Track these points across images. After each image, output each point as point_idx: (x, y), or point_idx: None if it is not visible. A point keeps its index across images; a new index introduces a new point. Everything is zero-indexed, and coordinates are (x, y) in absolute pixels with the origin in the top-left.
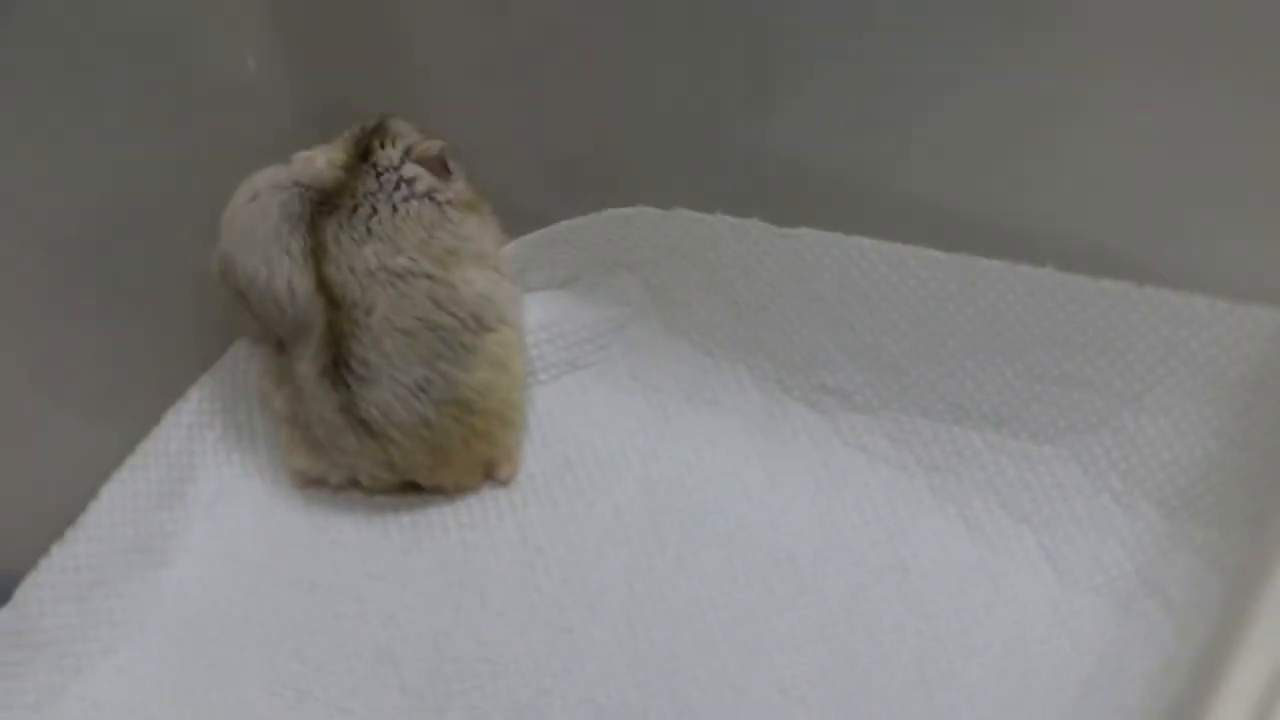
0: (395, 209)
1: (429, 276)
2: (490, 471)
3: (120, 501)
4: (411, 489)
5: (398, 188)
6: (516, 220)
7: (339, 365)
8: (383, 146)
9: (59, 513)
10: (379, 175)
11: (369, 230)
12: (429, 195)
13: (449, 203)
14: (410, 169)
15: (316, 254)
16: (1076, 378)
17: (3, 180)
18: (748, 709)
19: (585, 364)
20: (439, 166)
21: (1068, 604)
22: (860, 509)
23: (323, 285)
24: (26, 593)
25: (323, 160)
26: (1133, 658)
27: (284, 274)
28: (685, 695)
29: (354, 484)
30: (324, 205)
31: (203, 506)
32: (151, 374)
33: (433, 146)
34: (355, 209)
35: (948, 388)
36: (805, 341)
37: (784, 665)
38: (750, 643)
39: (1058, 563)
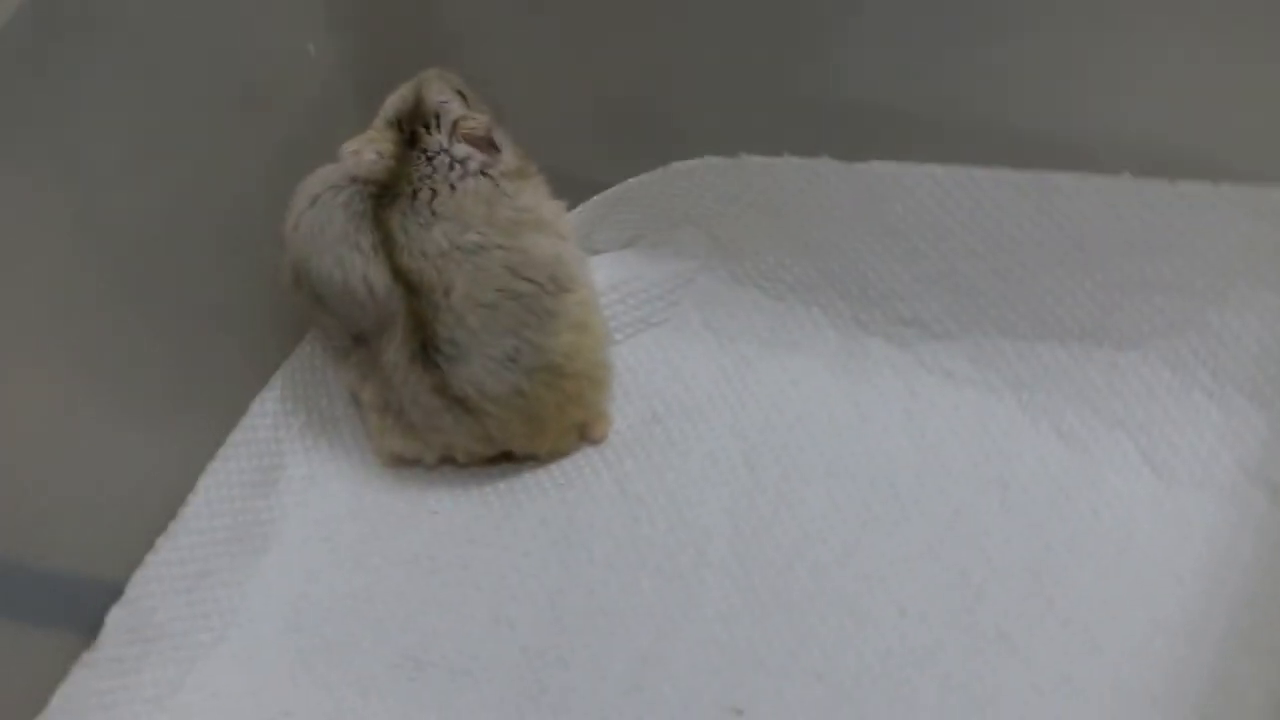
0: (454, 188)
1: (501, 247)
2: (584, 433)
3: (216, 493)
4: (505, 458)
5: (452, 168)
6: (581, 186)
7: (428, 349)
8: (428, 129)
9: (153, 509)
10: (430, 159)
11: (433, 212)
12: (483, 172)
13: (502, 175)
14: (460, 149)
15: (386, 246)
16: (1158, 281)
17: (80, 184)
18: (868, 632)
19: (659, 320)
20: (486, 145)
21: (1172, 501)
22: (953, 432)
23: (399, 275)
24: (137, 588)
25: (371, 153)
26: (1243, 546)
27: (359, 271)
28: (805, 626)
29: (448, 460)
30: (382, 198)
31: (296, 492)
32: (229, 367)
33: (478, 125)
34: (415, 195)
35: (1028, 305)
36: (879, 275)
37: (898, 587)
38: (862, 569)
39: (1156, 463)
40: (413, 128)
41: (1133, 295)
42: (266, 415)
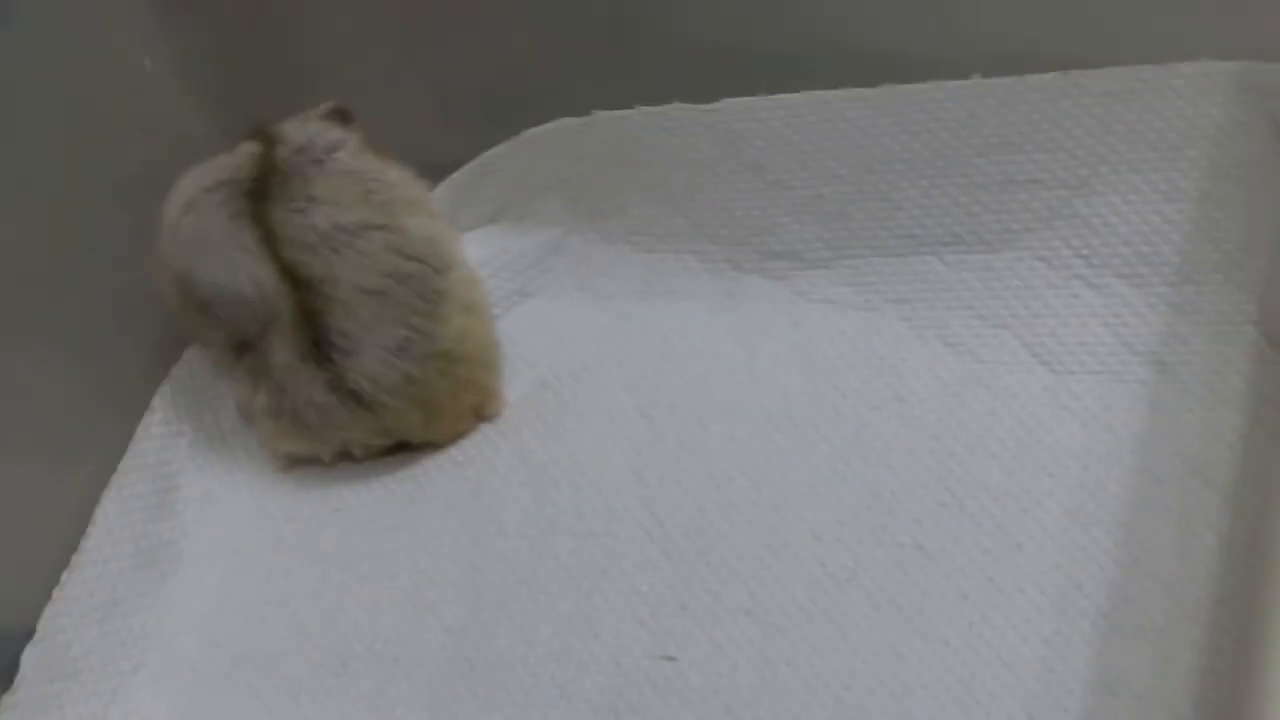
0: (322, 166)
1: (381, 227)
2: (479, 413)
3: (115, 521)
4: (403, 447)
5: (313, 143)
6: (443, 171)
7: (319, 345)
8: (281, 129)
9: (53, 547)
10: (292, 145)
11: (309, 197)
12: (341, 146)
13: (362, 150)
14: (315, 126)
15: (269, 242)
16: (1021, 178)
17: None
18: (788, 562)
19: (534, 290)
20: (339, 116)
21: (1065, 390)
22: (841, 356)
23: (284, 271)
24: (48, 624)
25: (239, 156)
26: (1140, 423)
27: (247, 270)
28: (724, 565)
29: (345, 456)
30: (255, 195)
31: (194, 510)
32: (109, 395)
33: (324, 107)
34: (286, 183)
35: (897, 221)
36: (746, 213)
37: (810, 515)
38: (772, 501)
39: (1044, 356)
40: (267, 132)
41: (998, 195)
42: (153, 439)
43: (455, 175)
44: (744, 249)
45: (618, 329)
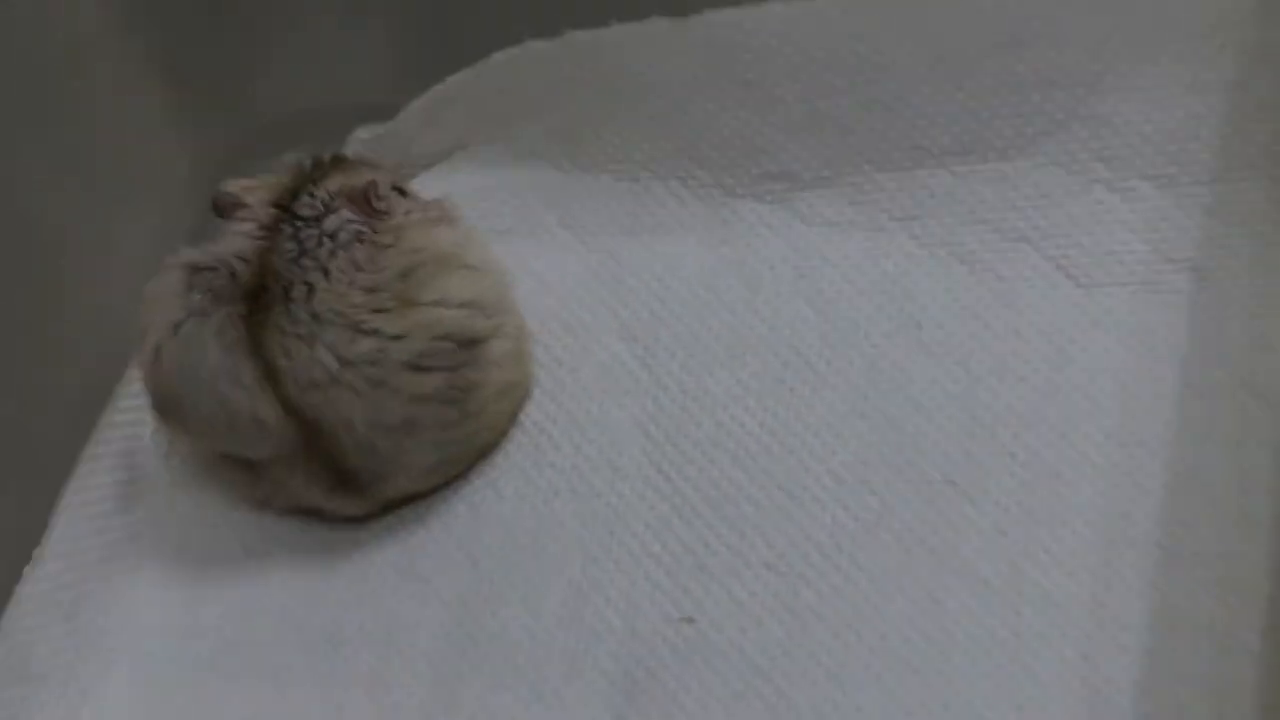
0: (327, 274)
1: (399, 337)
2: None
3: (78, 512)
4: None
5: (320, 244)
6: None
7: (346, 482)
8: (313, 192)
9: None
10: (297, 232)
11: (315, 317)
12: (357, 240)
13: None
14: (332, 220)
15: (271, 377)
16: (1032, 80)
17: None
18: (810, 509)
19: (508, 228)
20: (363, 203)
21: (1095, 305)
22: (849, 281)
23: (290, 409)
24: (12, 623)
25: (241, 236)
26: (1178, 335)
27: (245, 411)
28: (740, 514)
29: None
30: (254, 315)
31: (161, 502)
32: (68, 385)
33: (360, 181)
34: (287, 293)
35: (899, 132)
36: (736, 133)
37: (830, 454)
38: (787, 446)
39: (1070, 269)
40: (300, 185)
41: (1008, 99)
42: (115, 427)
43: (414, 104)
44: (736, 172)
45: (606, 270)
